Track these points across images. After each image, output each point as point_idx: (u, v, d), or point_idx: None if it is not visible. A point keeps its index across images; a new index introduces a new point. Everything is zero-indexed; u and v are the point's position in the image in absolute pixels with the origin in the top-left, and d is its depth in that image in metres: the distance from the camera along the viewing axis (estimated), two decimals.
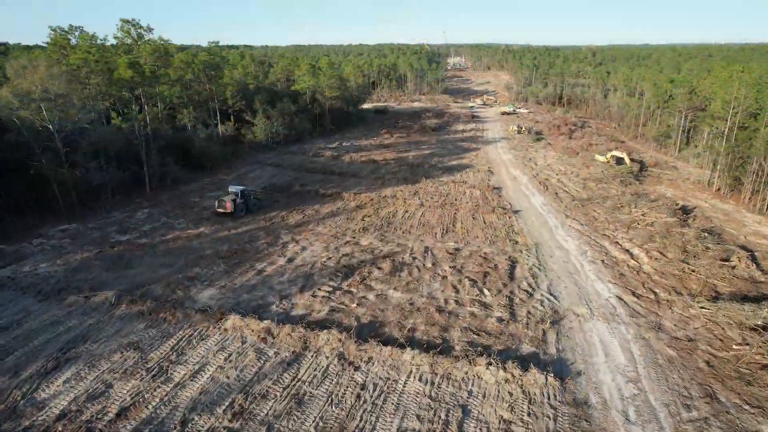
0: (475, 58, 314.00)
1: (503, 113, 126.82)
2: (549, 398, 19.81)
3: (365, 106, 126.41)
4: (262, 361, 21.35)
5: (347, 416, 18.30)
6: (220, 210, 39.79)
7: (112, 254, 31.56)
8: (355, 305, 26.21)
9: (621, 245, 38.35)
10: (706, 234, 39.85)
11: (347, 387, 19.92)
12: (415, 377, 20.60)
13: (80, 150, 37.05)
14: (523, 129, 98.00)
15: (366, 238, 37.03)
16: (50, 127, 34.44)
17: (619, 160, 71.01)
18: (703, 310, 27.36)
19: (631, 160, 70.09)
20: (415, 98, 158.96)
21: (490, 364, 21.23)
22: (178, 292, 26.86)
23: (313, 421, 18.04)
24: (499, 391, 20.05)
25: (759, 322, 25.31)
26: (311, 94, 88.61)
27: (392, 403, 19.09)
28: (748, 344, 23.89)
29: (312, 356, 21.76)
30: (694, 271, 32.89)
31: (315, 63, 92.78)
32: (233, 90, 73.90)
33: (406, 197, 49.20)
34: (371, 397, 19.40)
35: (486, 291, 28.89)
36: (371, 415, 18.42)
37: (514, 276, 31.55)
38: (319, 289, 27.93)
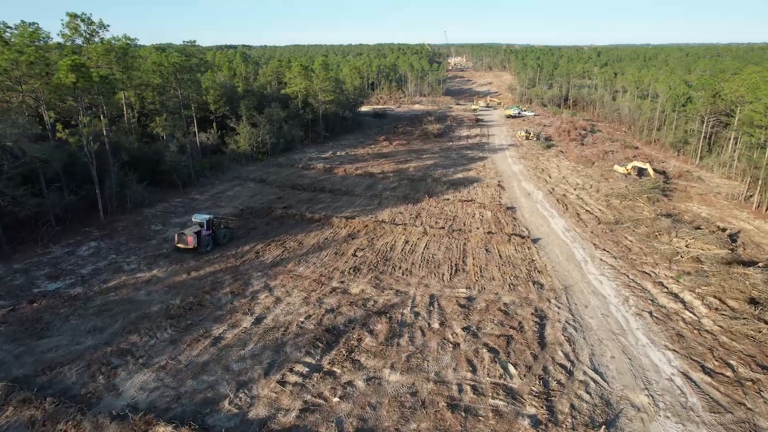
0: (476, 58, 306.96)
1: (508, 116, 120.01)
2: None
3: (363, 108, 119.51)
4: None
5: None
6: (181, 245, 32.84)
7: (28, 313, 24.56)
8: (337, 399, 19.26)
9: (668, 288, 31.44)
10: None
11: None
12: None
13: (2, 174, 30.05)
14: (531, 134, 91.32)
15: (357, 282, 30.08)
16: None
17: (641, 172, 64.25)
18: None
19: (654, 170, 63.34)
20: (415, 100, 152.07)
21: None
22: (100, 378, 19.90)
23: None
24: None
25: None
26: (303, 98, 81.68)
27: None
28: None
29: None
30: None
31: (308, 64, 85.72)
32: (216, 94, 66.97)
33: (406, 221, 42.28)
34: None
35: (512, 368, 21.96)
36: None
37: (545, 340, 24.62)
38: (291, 370, 20.97)
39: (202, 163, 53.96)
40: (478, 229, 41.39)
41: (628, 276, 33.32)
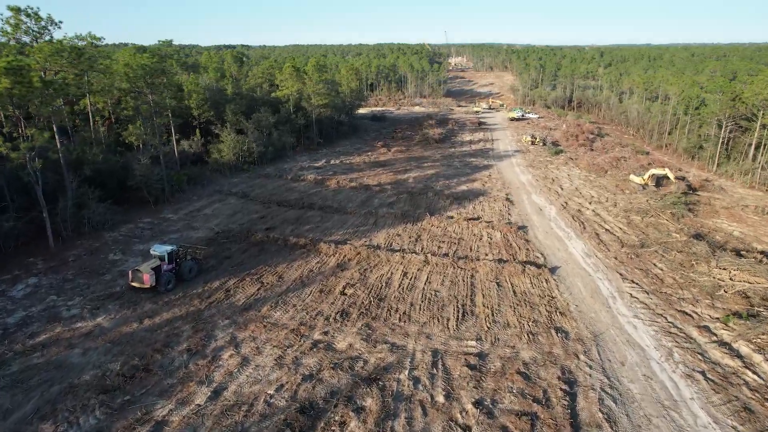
0: (477, 59, 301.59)
1: (511, 119, 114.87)
2: None
3: (361, 111, 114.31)
4: None
5: None
6: (136, 284, 27.60)
7: None
8: None
9: (717, 336, 26.24)
10: None
11: None
12: None
13: None
14: (538, 139, 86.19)
15: (344, 333, 24.84)
16: None
17: (659, 181, 59.14)
18: None
19: (676, 178, 58.23)
20: (415, 102, 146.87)
21: None
22: None
23: None
24: None
25: None
26: (296, 101, 76.44)
27: None
28: None
29: None
30: None
31: (300, 65, 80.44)
32: (199, 98, 61.80)
33: (405, 246, 37.05)
34: None
35: None
36: None
37: (578, 420, 19.41)
38: None
39: (179, 176, 48.73)
40: (486, 255, 36.17)
41: (665, 318, 28.12)
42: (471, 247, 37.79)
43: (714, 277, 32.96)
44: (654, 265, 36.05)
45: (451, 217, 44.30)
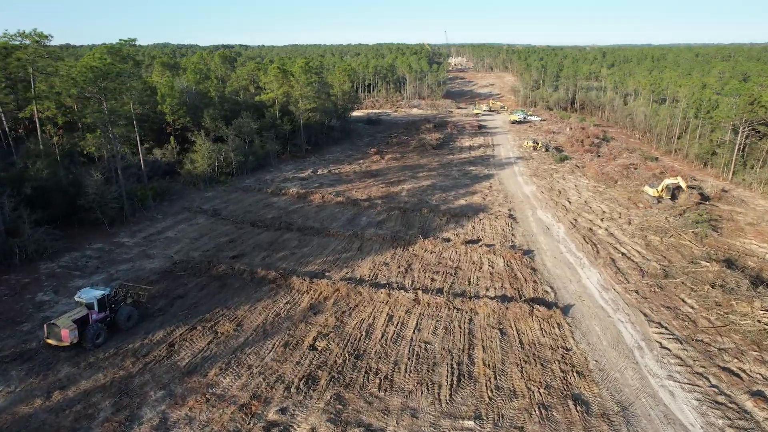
0: (477, 59, 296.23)
1: (513, 122, 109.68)
2: None
3: (356, 113, 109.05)
4: None
5: None
6: (52, 342, 22.33)
7: None
8: None
9: None
10: None
11: None
12: None
13: None
14: (540, 144, 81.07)
15: (308, 409, 19.58)
16: None
17: (674, 193, 54.19)
18: None
19: (687, 187, 53.22)
20: (413, 104, 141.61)
21: None
22: None
23: None
24: None
25: None
26: (282, 105, 71.18)
27: None
28: None
29: None
30: None
31: (287, 67, 75.14)
32: (174, 103, 56.55)
33: (392, 279, 31.81)
34: None
35: None
36: None
37: None
38: None
39: (143, 192, 43.48)
40: (487, 290, 30.93)
41: (708, 379, 22.89)
42: (469, 279, 32.55)
43: (759, 321, 27.74)
44: (683, 301, 30.88)
45: (448, 240, 39.06)
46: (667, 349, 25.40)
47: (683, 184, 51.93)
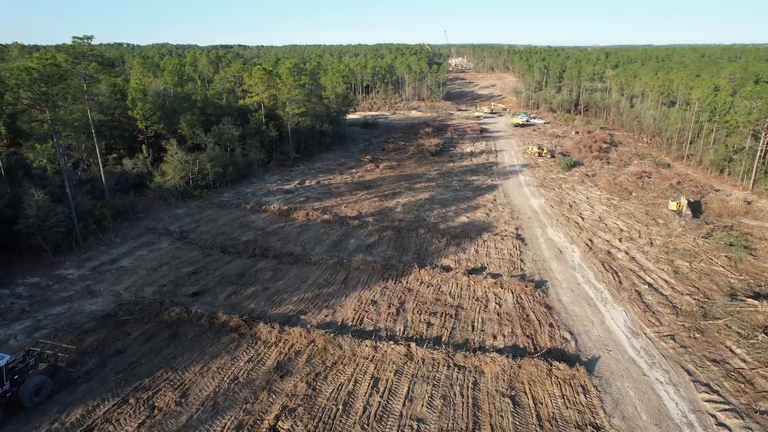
0: (478, 59, 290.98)
1: (516, 125, 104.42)
2: None
3: (352, 116, 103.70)
4: None
5: None
6: None
7: None
8: None
9: None
10: None
11: None
12: None
13: None
14: (545, 150, 75.90)
15: None
16: None
17: (696, 207, 49.49)
18: None
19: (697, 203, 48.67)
20: (412, 105, 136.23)
21: None
22: None
23: None
24: None
25: None
26: (269, 110, 65.86)
27: None
28: None
29: None
30: None
31: (272, 68, 69.82)
32: (147, 108, 51.23)
33: (380, 323, 26.49)
34: None
35: None
36: None
37: None
38: None
39: (101, 210, 38.15)
40: (495, 339, 25.63)
41: None
42: (473, 322, 27.25)
43: None
44: (731, 351, 25.59)
45: (448, 269, 33.73)
46: (724, 426, 20.09)
47: (684, 202, 47.93)
